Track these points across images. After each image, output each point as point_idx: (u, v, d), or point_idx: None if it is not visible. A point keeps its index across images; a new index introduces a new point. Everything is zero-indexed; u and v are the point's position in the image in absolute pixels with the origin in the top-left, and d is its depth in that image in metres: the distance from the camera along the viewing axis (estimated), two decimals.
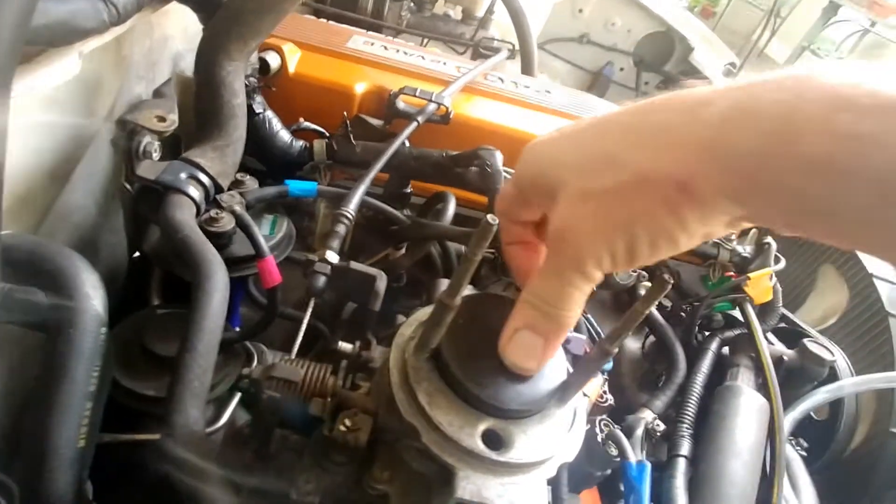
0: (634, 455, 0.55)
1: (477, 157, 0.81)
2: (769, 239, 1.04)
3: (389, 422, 0.50)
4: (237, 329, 0.81)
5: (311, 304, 0.67)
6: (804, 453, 1.02)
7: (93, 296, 0.53)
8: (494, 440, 0.48)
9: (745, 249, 1.06)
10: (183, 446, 0.49)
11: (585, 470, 0.58)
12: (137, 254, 0.88)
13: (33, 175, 0.64)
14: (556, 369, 0.53)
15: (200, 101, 0.73)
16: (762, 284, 0.99)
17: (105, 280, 0.56)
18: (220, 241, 0.70)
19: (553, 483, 0.54)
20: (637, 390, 1.06)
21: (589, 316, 0.97)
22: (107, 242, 0.83)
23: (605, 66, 3.84)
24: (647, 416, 0.89)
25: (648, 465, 0.54)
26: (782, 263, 1.03)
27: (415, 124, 0.91)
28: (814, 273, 1.36)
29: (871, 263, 1.22)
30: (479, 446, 0.46)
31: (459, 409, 0.48)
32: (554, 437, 0.50)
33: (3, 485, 0.46)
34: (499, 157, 0.81)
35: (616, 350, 0.49)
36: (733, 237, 1.06)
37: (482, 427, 0.48)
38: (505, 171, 0.81)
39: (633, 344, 1.13)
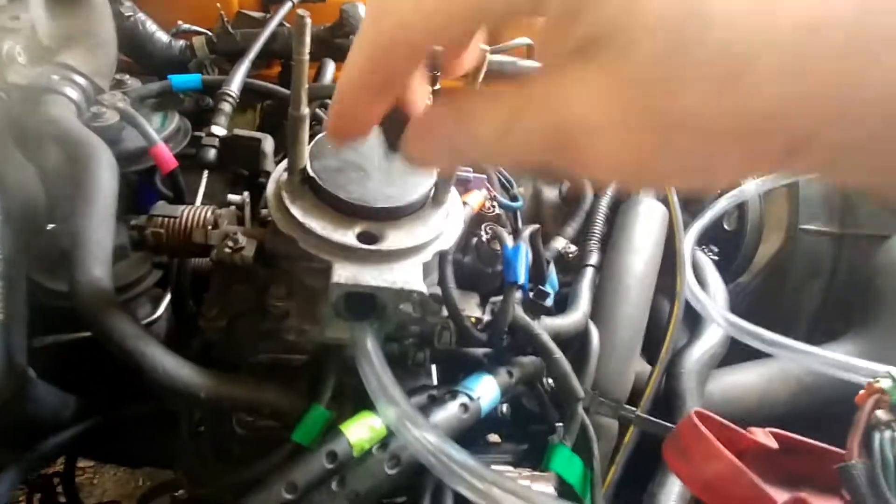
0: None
1: (342, 15, 0.83)
2: None
3: (275, 246, 0.55)
4: None
5: (205, 175, 0.70)
6: (715, 258, 1.10)
7: None
8: (369, 238, 0.53)
9: None
10: (88, 301, 0.53)
11: (477, 267, 0.64)
12: None
13: None
14: (424, 174, 0.58)
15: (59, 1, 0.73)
16: None
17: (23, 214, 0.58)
18: (108, 136, 0.71)
19: (440, 276, 0.59)
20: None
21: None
22: (13, 176, 0.84)
23: None
24: (560, 242, 0.96)
25: (524, 246, 0.60)
26: None
27: (290, 4, 0.92)
28: None
29: None
30: (353, 241, 0.51)
31: (333, 217, 0.53)
32: (426, 230, 0.55)
33: None
34: (361, 8, 0.83)
35: None
36: None
37: (357, 229, 0.53)
38: None
39: (550, 192, 1.18)
